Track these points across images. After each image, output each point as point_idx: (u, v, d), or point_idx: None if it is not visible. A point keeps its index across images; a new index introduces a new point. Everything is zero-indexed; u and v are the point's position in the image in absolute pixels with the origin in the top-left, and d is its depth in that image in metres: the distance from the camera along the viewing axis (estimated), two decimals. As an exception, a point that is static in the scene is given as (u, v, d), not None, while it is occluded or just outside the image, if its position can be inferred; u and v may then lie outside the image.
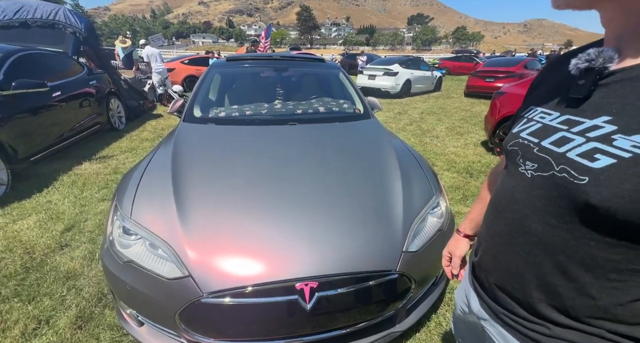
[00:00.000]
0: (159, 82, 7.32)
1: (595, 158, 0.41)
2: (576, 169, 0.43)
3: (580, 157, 0.43)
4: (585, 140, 0.43)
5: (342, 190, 1.42)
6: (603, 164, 0.40)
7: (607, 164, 0.40)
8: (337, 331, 1.18)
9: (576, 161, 0.43)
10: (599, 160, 0.41)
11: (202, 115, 2.18)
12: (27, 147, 3.05)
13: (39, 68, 3.68)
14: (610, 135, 0.41)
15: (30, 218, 2.35)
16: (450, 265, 0.91)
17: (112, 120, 5.01)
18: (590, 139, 0.43)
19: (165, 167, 1.48)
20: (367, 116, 2.31)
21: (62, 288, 1.65)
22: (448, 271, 0.92)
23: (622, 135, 0.40)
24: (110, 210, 1.34)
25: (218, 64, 2.75)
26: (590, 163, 0.41)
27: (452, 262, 0.90)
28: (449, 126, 5.72)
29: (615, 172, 0.39)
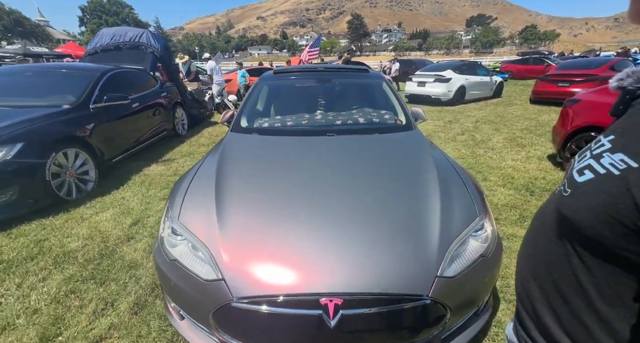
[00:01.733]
0: (218, 93, 8.10)
1: (583, 173, 0.42)
2: (569, 183, 0.44)
3: (576, 172, 0.44)
4: (588, 156, 0.44)
5: (375, 206, 1.38)
6: (584, 179, 0.41)
7: (587, 179, 0.41)
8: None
9: (572, 176, 0.44)
10: (584, 175, 0.41)
11: (248, 126, 2.34)
12: (111, 150, 3.63)
13: (124, 83, 4.36)
14: (602, 152, 0.41)
15: (108, 211, 2.77)
16: None
17: (177, 127, 5.67)
18: (591, 156, 0.43)
19: (210, 174, 1.62)
20: (409, 127, 2.22)
21: (125, 276, 1.91)
22: None
23: (609, 152, 0.40)
24: (164, 211, 1.51)
25: (266, 77, 2.93)
26: (578, 177, 0.43)
27: None
28: (508, 137, 5.17)
29: (589, 186, 0.39)
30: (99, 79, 3.85)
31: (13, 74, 3.95)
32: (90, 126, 3.32)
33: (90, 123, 3.35)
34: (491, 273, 1.31)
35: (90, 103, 3.50)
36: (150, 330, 1.51)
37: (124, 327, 1.53)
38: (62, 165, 2.92)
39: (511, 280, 1.82)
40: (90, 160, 3.23)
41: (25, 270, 1.93)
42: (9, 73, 3.98)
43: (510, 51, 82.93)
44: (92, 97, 3.57)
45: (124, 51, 5.68)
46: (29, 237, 2.29)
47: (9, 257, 2.04)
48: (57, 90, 3.60)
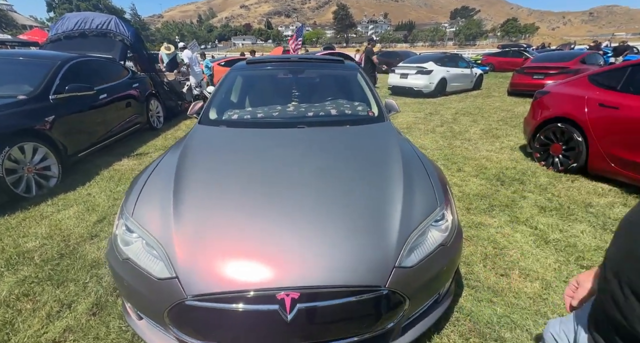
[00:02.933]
0: (196, 84, 7.81)
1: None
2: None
3: None
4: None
5: (338, 198, 1.37)
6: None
7: None
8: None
9: None
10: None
11: (217, 118, 2.26)
12: (75, 144, 3.43)
13: (90, 73, 4.11)
14: None
15: (72, 208, 2.63)
16: (573, 296, 0.84)
17: (152, 120, 5.43)
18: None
19: (170, 169, 1.55)
20: (381, 119, 2.21)
21: (86, 276, 1.82)
22: (567, 301, 0.85)
23: None
24: (120, 208, 1.44)
25: (238, 67, 2.83)
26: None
27: (576, 294, 0.83)
28: (485, 128, 5.29)
29: None
30: (60, 68, 3.59)
31: (-38, 61, 3.63)
32: (50, 118, 3.12)
33: (51, 115, 3.14)
34: (451, 262, 1.33)
35: (50, 94, 3.28)
36: (109, 331, 1.46)
37: (80, 329, 1.47)
38: (19, 161, 2.74)
39: (475, 267, 1.87)
40: (51, 154, 3.04)
41: (-27, 274, 1.81)
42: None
43: (492, 44, 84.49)
44: (52, 88, 3.34)
45: (90, 38, 5.35)
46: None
47: (-46, 260, 1.91)
48: (12, 79, 3.36)
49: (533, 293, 1.66)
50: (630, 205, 2.54)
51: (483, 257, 1.97)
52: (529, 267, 1.86)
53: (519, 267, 1.86)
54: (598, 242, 2.10)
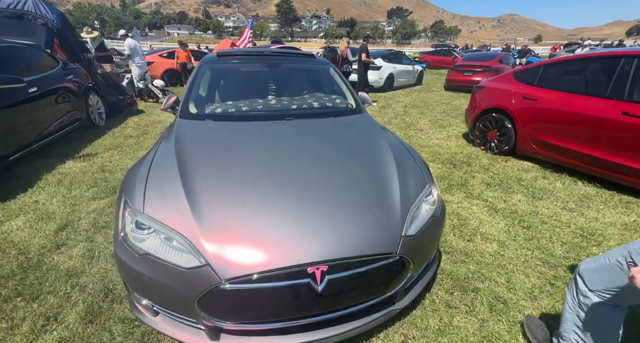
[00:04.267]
0: (140, 77, 7.07)
1: None
2: None
3: None
4: None
5: (343, 181, 1.51)
6: None
7: None
8: (344, 311, 1.29)
9: None
10: None
11: (199, 112, 2.19)
12: (5, 146, 2.91)
13: (9, 62, 3.48)
14: None
15: (19, 218, 2.28)
16: None
17: (92, 117, 4.81)
18: None
19: (170, 162, 1.51)
20: (360, 111, 2.41)
21: (65, 286, 1.65)
22: None
23: None
24: (120, 206, 1.36)
25: (209, 60, 2.73)
26: None
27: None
28: (432, 119, 5.95)
29: None
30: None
31: None
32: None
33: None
34: (439, 230, 1.59)
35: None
36: (113, 336, 1.39)
37: (79, 338, 1.36)
38: (-64, 167, 2.26)
39: (448, 237, 2.22)
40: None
41: None
42: None
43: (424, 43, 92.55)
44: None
45: (1, 20, 4.45)
46: None
47: None
48: None
49: (493, 252, 2.06)
50: (548, 178, 3.23)
51: (452, 228, 2.33)
52: (487, 232, 2.28)
53: (480, 233, 2.27)
54: (531, 207, 2.65)
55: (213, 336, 1.22)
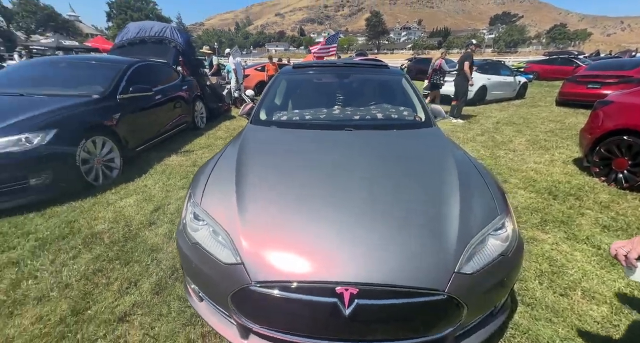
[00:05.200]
0: (235, 87, 8.23)
1: None
2: None
3: None
4: None
5: (394, 199, 1.39)
6: None
7: None
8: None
9: None
10: None
11: (267, 118, 2.38)
12: (135, 140, 3.77)
13: (148, 76, 4.51)
14: None
15: (131, 198, 2.89)
16: None
17: (196, 120, 5.81)
18: None
19: (231, 163, 1.67)
20: (429, 124, 2.20)
21: (147, 258, 1.99)
22: None
23: None
24: (186, 197, 1.57)
25: (285, 71, 2.96)
26: None
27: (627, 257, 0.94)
28: (531, 139, 4.99)
29: None
30: (126, 71, 4.00)
31: (48, 64, 4.17)
32: (116, 116, 3.46)
33: (117, 113, 3.49)
34: (510, 273, 1.28)
35: (118, 93, 3.65)
36: (170, 310, 1.58)
37: (146, 305, 1.61)
38: (91, 152, 3.06)
39: (530, 283, 1.77)
40: (116, 148, 3.37)
41: (58, 248, 2.06)
42: (44, 64, 4.20)
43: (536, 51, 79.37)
44: (119, 88, 3.72)
45: (149, 45, 5.86)
46: (60, 218, 2.44)
47: (43, 235, 2.18)
48: (88, 80, 3.77)
49: (601, 318, 1.54)
50: None
51: (538, 274, 1.86)
52: (594, 289, 1.73)
53: (582, 288, 1.73)
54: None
55: (243, 334, 1.25)
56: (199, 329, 1.48)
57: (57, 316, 1.50)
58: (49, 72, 3.95)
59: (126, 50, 5.82)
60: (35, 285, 1.72)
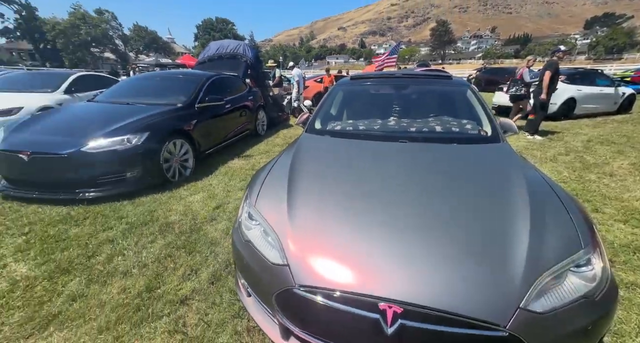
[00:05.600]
0: (295, 97, 8.71)
1: None
2: None
3: None
4: None
5: (452, 218, 1.29)
6: None
7: None
8: None
9: None
10: None
11: (321, 128, 2.45)
12: (205, 143, 4.26)
13: (221, 87, 5.09)
14: None
15: (198, 195, 3.25)
16: None
17: (257, 128, 6.30)
18: None
19: (284, 169, 1.76)
20: (496, 140, 1.99)
21: (207, 250, 2.21)
22: None
23: None
24: (243, 197, 1.70)
25: (342, 82, 3.02)
26: None
27: None
28: (637, 162, 4.09)
29: None
30: (204, 83, 4.59)
31: (147, 79, 5.05)
32: (194, 122, 3.98)
33: (194, 119, 4.01)
34: (597, 322, 1.06)
35: (196, 103, 4.20)
36: (222, 301, 1.72)
37: (203, 293, 1.77)
38: (171, 153, 3.57)
39: (628, 340, 1.43)
40: (190, 150, 3.86)
41: (141, 233, 2.43)
42: (144, 78, 5.10)
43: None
44: (198, 98, 4.28)
45: (225, 60, 6.64)
46: (144, 207, 2.87)
47: (131, 221, 2.60)
48: (174, 92, 4.43)
49: None
50: None
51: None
52: None
53: None
54: None
55: (284, 335, 1.29)
56: (245, 323, 1.57)
57: (136, 290, 1.76)
58: (147, 85, 4.78)
59: (206, 65, 6.70)
60: (122, 261, 2.05)
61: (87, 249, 2.18)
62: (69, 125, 3.27)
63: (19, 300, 1.69)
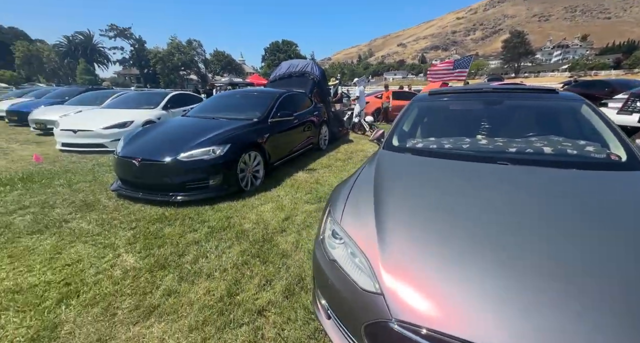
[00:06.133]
0: (357, 113, 8.76)
1: None
2: None
3: None
4: None
5: (580, 262, 1.06)
6: None
7: None
8: None
9: None
10: None
11: (400, 145, 2.34)
12: (275, 156, 4.51)
13: (291, 103, 5.40)
14: None
15: (268, 205, 3.40)
16: None
17: (320, 142, 6.46)
18: None
19: (368, 186, 1.70)
20: (635, 166, 1.62)
21: (279, 262, 2.25)
22: None
23: None
24: (325, 213, 1.67)
25: (420, 98, 2.89)
26: None
27: None
28: None
29: None
30: (277, 100, 4.93)
31: (228, 96, 5.66)
32: (266, 135, 4.26)
33: (267, 133, 4.29)
34: None
35: (269, 118, 4.51)
36: (297, 317, 1.70)
37: (278, 306, 1.79)
38: (246, 163, 3.85)
39: None
40: (262, 162, 4.12)
41: (220, 237, 2.62)
42: (227, 96, 5.73)
43: None
44: (271, 113, 4.60)
45: (294, 78, 7.09)
46: (222, 213, 3.12)
47: (213, 225, 2.83)
48: (251, 107, 4.84)
49: None
50: None
51: None
52: None
53: None
54: None
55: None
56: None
57: (219, 293, 1.87)
58: (228, 101, 5.35)
59: (277, 83, 7.24)
60: (206, 263, 2.22)
61: (178, 248, 2.43)
62: (168, 137, 3.81)
63: (129, 288, 1.94)
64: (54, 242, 2.50)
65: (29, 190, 3.73)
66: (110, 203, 3.36)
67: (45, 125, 7.69)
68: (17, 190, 3.72)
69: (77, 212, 3.11)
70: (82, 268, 2.15)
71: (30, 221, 2.89)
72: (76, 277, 2.04)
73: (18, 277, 2.04)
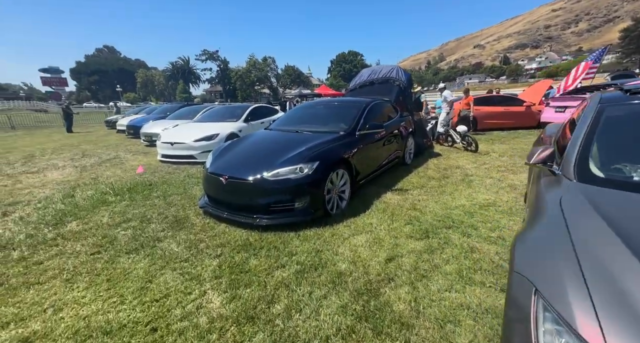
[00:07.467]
0: (444, 121, 7.62)
1: None
2: None
3: None
4: None
5: None
6: None
7: None
8: None
9: None
10: None
11: (607, 176, 1.46)
12: (362, 172, 3.92)
13: (376, 113, 4.78)
14: None
15: (361, 236, 2.81)
16: None
17: (405, 156, 5.65)
18: None
19: (609, 260, 0.93)
20: None
21: (399, 335, 1.60)
22: None
23: None
24: (533, 299, 0.95)
25: (610, 99, 1.92)
26: None
27: None
28: None
29: None
30: (364, 110, 4.38)
31: (312, 107, 5.36)
32: (354, 150, 3.71)
33: (355, 147, 3.75)
34: None
35: (357, 130, 3.98)
36: None
37: None
38: (333, 183, 3.35)
39: None
40: (348, 180, 3.57)
41: (313, 280, 2.12)
42: (309, 107, 5.45)
43: None
44: (358, 125, 4.06)
45: (376, 85, 6.49)
46: (310, 243, 2.65)
47: (302, 261, 2.37)
48: (336, 119, 4.40)
49: None
50: None
51: None
52: None
53: None
54: None
55: None
56: None
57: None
58: (311, 113, 5.03)
59: (356, 92, 6.75)
60: (301, 321, 1.73)
61: (266, 290, 2.01)
62: (254, 154, 3.56)
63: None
64: (146, 265, 2.38)
65: (133, 202, 3.96)
66: (198, 221, 3.25)
67: (151, 138, 8.81)
68: (125, 201, 3.99)
69: (168, 230, 3.06)
70: (169, 306, 1.89)
71: (129, 237, 2.91)
72: (162, 321, 1.77)
73: (110, 310, 1.88)
